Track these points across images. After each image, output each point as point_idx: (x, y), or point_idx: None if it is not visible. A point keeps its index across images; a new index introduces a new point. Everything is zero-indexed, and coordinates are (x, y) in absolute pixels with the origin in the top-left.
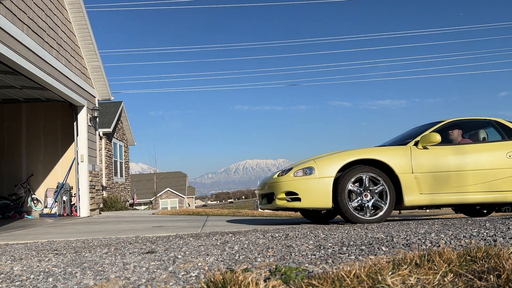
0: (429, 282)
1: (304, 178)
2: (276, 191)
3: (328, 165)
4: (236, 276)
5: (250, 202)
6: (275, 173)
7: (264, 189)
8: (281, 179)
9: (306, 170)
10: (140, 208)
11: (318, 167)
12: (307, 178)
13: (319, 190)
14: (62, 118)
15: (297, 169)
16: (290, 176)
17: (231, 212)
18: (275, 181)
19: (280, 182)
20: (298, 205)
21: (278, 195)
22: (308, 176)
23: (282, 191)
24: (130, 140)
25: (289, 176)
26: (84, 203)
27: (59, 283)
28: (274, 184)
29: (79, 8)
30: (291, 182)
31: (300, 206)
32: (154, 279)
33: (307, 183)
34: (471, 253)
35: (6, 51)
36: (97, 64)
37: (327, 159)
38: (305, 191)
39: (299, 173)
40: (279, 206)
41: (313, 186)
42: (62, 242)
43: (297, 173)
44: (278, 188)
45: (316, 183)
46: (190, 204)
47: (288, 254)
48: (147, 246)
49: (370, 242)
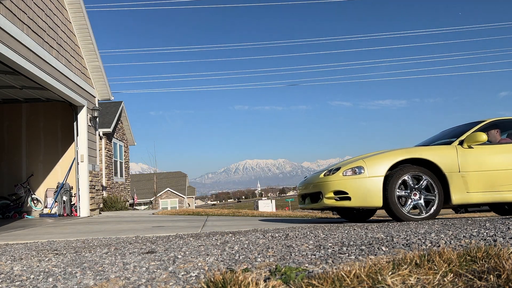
0: (429, 282)
1: (354, 177)
2: (324, 191)
3: (377, 164)
4: (236, 276)
5: (250, 202)
6: (318, 173)
7: (307, 188)
8: (330, 179)
9: (355, 169)
10: (140, 208)
11: (367, 166)
12: (357, 177)
13: (370, 189)
14: (62, 118)
15: (346, 169)
16: (339, 175)
17: (231, 212)
18: (322, 181)
19: (328, 182)
20: (347, 204)
21: (326, 194)
22: (358, 175)
23: (330, 191)
24: (130, 140)
25: (338, 175)
26: (84, 203)
27: (59, 283)
28: (322, 184)
29: (79, 8)
30: (341, 181)
31: (349, 205)
32: (154, 279)
33: (357, 182)
34: (471, 253)
35: (6, 51)
36: (97, 64)
37: (376, 158)
38: (355, 190)
39: (348, 172)
40: (327, 205)
41: (363, 185)
42: (62, 242)
43: (346, 173)
44: (327, 188)
45: (366, 182)
46: (190, 204)
47: (288, 254)
48: (147, 246)
49: (370, 242)
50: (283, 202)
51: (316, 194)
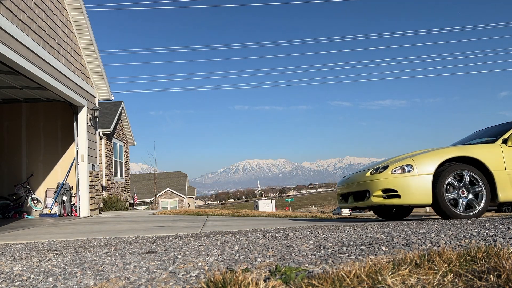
0: (429, 282)
1: (403, 175)
2: (371, 189)
3: (426, 162)
4: (236, 276)
5: (250, 202)
6: (362, 172)
7: (350, 187)
8: (378, 177)
9: (404, 167)
10: (140, 208)
11: (416, 164)
12: (406, 175)
13: (419, 187)
14: (62, 118)
15: (395, 167)
16: (387, 173)
17: (231, 212)
18: (370, 179)
19: (377, 180)
20: (397, 201)
21: (374, 193)
22: (407, 173)
23: (379, 189)
24: (130, 140)
25: (387, 173)
26: (84, 203)
27: (59, 283)
28: (369, 182)
29: (79, 8)
30: (390, 179)
31: (399, 203)
32: (154, 279)
33: (406, 180)
34: (471, 253)
35: (6, 51)
36: (97, 64)
37: (424, 157)
38: (405, 188)
39: (397, 170)
40: (374, 203)
41: (413, 183)
42: (62, 242)
43: (395, 171)
44: (375, 186)
45: (416, 180)
46: (190, 204)
47: (288, 254)
48: (147, 246)
49: (370, 242)
50: (283, 202)
51: (362, 193)
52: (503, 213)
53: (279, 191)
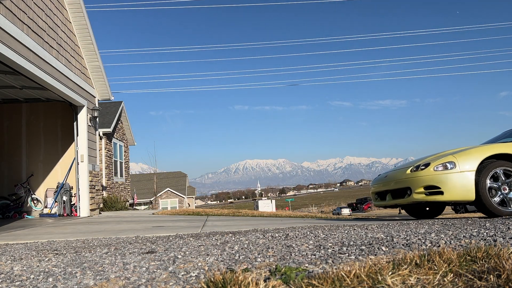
0: (429, 282)
1: (445, 172)
2: (413, 186)
3: (468, 159)
4: (236, 276)
5: (250, 202)
6: (401, 169)
7: (388, 185)
8: (420, 174)
9: (446, 164)
10: (140, 208)
11: (458, 161)
12: (449, 172)
13: (462, 183)
14: (62, 118)
15: (437, 164)
16: (430, 170)
17: (231, 212)
18: (411, 176)
19: (419, 177)
20: (439, 198)
21: (416, 190)
22: (449, 170)
23: (421, 186)
24: (130, 140)
25: (429, 170)
26: (84, 203)
27: (59, 283)
28: (411, 179)
29: (79, 8)
30: (432, 176)
31: (442, 199)
32: (154, 279)
33: (449, 177)
34: (471, 253)
35: (6, 51)
36: (97, 64)
37: (466, 154)
38: (448, 185)
39: (439, 167)
40: (416, 200)
41: (456, 180)
42: (62, 242)
43: (437, 168)
44: (417, 183)
45: (458, 177)
46: (190, 204)
47: (288, 254)
48: (147, 246)
49: (370, 242)
50: (283, 202)
51: (402, 190)
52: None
53: (279, 191)
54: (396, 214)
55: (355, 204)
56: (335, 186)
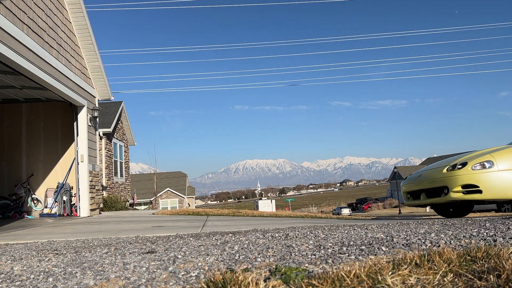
0: (429, 282)
1: (484, 171)
2: (451, 185)
3: (506, 158)
4: (236, 276)
5: (250, 202)
6: (436, 169)
7: (422, 184)
8: (457, 173)
9: (484, 163)
10: (140, 208)
11: (496, 160)
12: (487, 171)
13: (501, 182)
14: (62, 118)
15: (475, 163)
16: (467, 169)
17: (231, 212)
18: (448, 176)
19: (456, 176)
20: (478, 197)
21: (454, 189)
22: (488, 169)
23: (458, 185)
24: (130, 140)
25: (467, 169)
26: (84, 203)
27: (59, 283)
28: (448, 178)
29: (79, 8)
30: (470, 175)
31: (480, 198)
32: (154, 279)
33: (487, 176)
34: (471, 253)
35: (6, 51)
36: (97, 64)
37: (503, 153)
38: (486, 184)
39: (477, 166)
40: (454, 199)
41: (494, 178)
42: (62, 242)
43: (475, 167)
44: (454, 182)
45: (497, 176)
46: (190, 204)
47: (288, 254)
48: (147, 246)
49: (370, 242)
50: (283, 202)
51: (438, 189)
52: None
53: (279, 191)
54: (396, 214)
55: (355, 204)
56: (335, 186)
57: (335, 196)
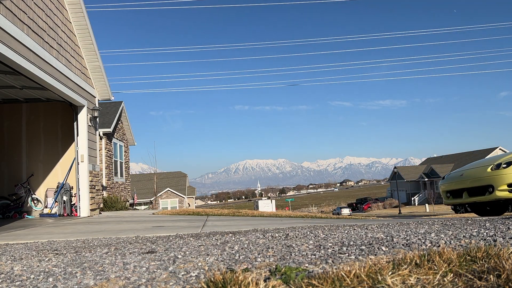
0: (429, 282)
1: None
2: (496, 184)
3: None
4: (236, 276)
5: (250, 202)
6: (478, 168)
7: (463, 183)
8: (503, 172)
9: None
10: (140, 208)
11: None
12: None
13: None
14: (62, 118)
15: None
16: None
17: (231, 212)
18: (493, 174)
19: (502, 175)
20: None
21: (500, 187)
22: None
23: (504, 183)
24: (130, 140)
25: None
26: (84, 203)
27: (59, 283)
28: (493, 177)
29: (79, 8)
30: None
31: None
32: (154, 279)
33: None
34: (471, 253)
35: (6, 51)
36: (97, 64)
37: None
38: None
39: None
40: (499, 197)
41: None
42: (62, 242)
43: None
44: (500, 181)
45: None
46: (190, 204)
47: (288, 254)
48: (147, 246)
49: (370, 242)
50: (283, 202)
51: (482, 188)
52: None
53: (279, 191)
54: (396, 214)
55: (355, 204)
56: (335, 186)
57: (335, 196)
